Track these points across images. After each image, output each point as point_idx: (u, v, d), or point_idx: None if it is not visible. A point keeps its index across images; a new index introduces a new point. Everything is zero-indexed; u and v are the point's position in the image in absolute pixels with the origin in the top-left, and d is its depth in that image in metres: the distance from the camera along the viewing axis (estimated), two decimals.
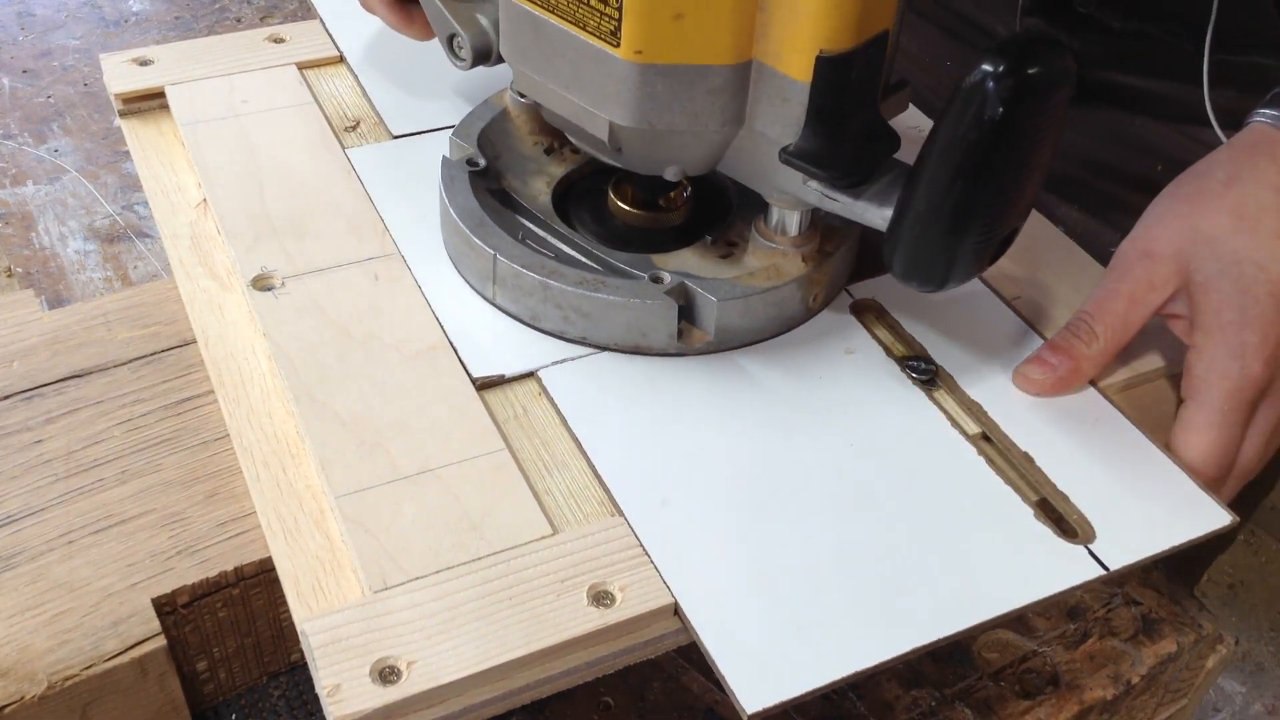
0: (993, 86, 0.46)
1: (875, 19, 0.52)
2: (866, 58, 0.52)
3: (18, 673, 0.49)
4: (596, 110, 0.55)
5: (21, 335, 0.64)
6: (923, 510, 0.54)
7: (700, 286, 0.58)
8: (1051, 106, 0.48)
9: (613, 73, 0.53)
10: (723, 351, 0.60)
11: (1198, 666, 0.64)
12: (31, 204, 1.91)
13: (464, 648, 0.46)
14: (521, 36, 0.57)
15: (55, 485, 0.56)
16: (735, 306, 0.58)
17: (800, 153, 0.54)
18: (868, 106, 0.54)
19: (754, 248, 0.61)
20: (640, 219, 0.63)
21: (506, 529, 0.51)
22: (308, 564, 0.50)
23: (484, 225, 0.61)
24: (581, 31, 0.53)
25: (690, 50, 0.52)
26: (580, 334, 0.59)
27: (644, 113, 0.54)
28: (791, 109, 0.53)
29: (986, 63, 0.46)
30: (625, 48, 0.52)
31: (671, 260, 0.61)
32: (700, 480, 0.54)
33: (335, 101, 0.76)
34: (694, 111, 0.54)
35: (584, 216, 0.65)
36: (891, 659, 0.48)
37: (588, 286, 0.58)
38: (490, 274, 0.60)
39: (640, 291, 0.58)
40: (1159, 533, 0.53)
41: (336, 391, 0.56)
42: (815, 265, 0.60)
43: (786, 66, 0.52)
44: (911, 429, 0.57)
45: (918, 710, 0.58)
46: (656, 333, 0.58)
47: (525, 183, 0.66)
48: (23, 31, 2.32)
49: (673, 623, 0.49)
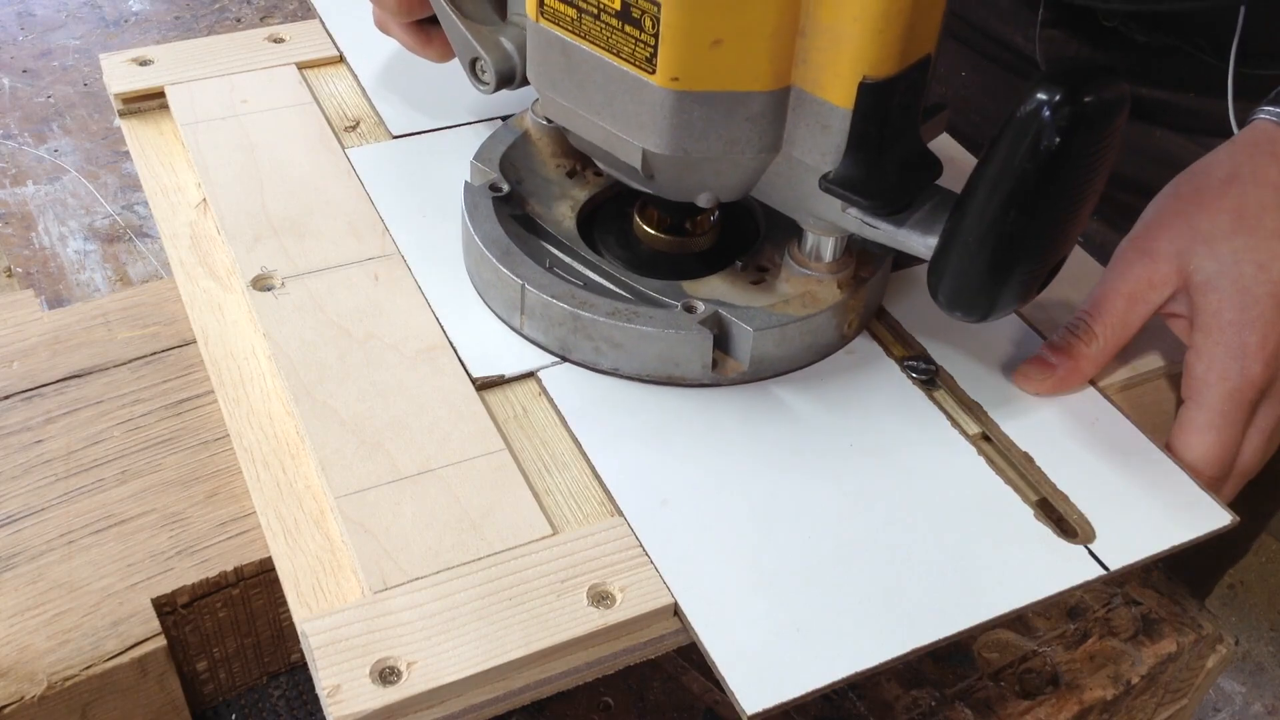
0: (1049, 115, 0.45)
1: (918, 44, 0.50)
2: (909, 83, 0.51)
3: (18, 673, 0.49)
4: (630, 138, 0.54)
5: (21, 335, 0.64)
6: (923, 510, 0.54)
7: (735, 316, 0.57)
8: (1108, 135, 0.47)
9: (648, 100, 0.52)
10: (757, 381, 0.59)
11: (1198, 666, 0.64)
12: (31, 204, 1.91)
13: (464, 648, 0.46)
14: (551, 62, 0.55)
15: (55, 485, 0.56)
16: (771, 336, 0.57)
17: (841, 180, 0.52)
18: (909, 132, 0.53)
19: (788, 274, 0.60)
20: (667, 244, 0.62)
21: (506, 529, 0.51)
22: (308, 564, 0.50)
23: (511, 254, 0.59)
24: (615, 58, 0.52)
25: (728, 77, 0.51)
26: (612, 365, 0.58)
27: (679, 140, 0.53)
28: (832, 136, 0.52)
29: (1042, 91, 0.45)
30: (661, 75, 0.51)
31: (702, 287, 0.60)
32: (700, 481, 0.54)
33: (335, 101, 0.76)
34: (730, 139, 0.53)
35: (609, 241, 0.64)
36: (891, 659, 0.48)
37: (620, 317, 0.56)
38: (518, 304, 0.58)
39: (674, 321, 0.56)
40: (1159, 533, 0.53)
41: (336, 391, 0.56)
42: (851, 292, 0.59)
43: (827, 93, 0.51)
44: (911, 429, 0.57)
45: (918, 710, 0.58)
46: (690, 363, 0.57)
47: (549, 207, 0.64)
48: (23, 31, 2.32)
49: (672, 623, 0.49)
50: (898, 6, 0.48)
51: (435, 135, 0.73)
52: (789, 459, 0.55)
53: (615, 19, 0.51)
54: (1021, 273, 0.50)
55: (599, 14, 0.51)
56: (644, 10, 0.49)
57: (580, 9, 0.52)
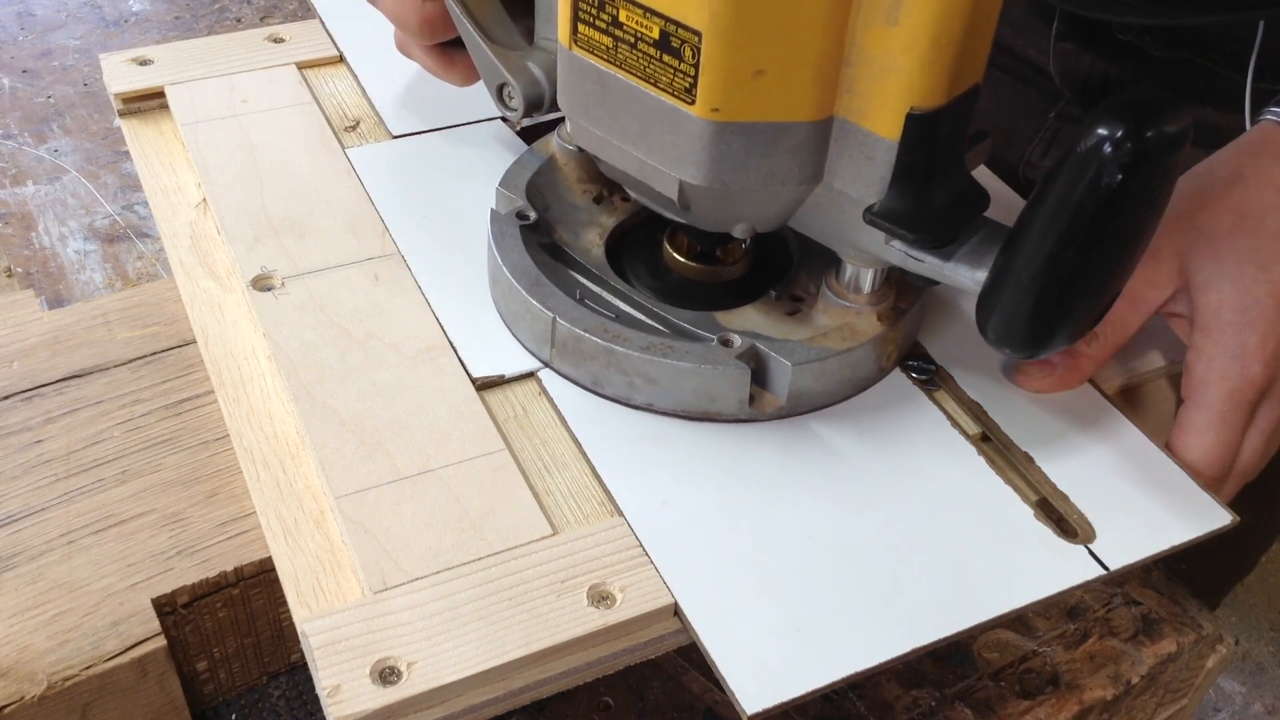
0: (1110, 152, 0.43)
1: (968, 73, 0.49)
2: (957, 113, 0.49)
3: (18, 673, 0.49)
4: (666, 169, 0.52)
5: (21, 335, 0.64)
6: (923, 510, 0.54)
7: (773, 349, 0.55)
8: (1170, 170, 0.45)
9: (686, 131, 0.50)
10: (794, 416, 0.57)
11: (1198, 666, 0.64)
12: (31, 204, 1.91)
13: (464, 648, 0.46)
14: (584, 91, 0.53)
15: (55, 485, 0.56)
16: (810, 370, 0.55)
17: (886, 213, 0.51)
18: (956, 163, 0.52)
19: (825, 305, 0.58)
20: (698, 272, 0.61)
21: (506, 529, 0.51)
22: (308, 564, 0.50)
23: (540, 285, 0.57)
24: (652, 88, 0.50)
25: (770, 107, 0.49)
26: (646, 400, 0.56)
27: (718, 172, 0.51)
28: (876, 167, 0.50)
29: (1102, 126, 0.43)
30: (701, 105, 0.49)
31: (736, 319, 0.58)
32: (700, 481, 0.54)
33: (335, 101, 0.76)
34: (770, 170, 0.51)
35: (639, 270, 0.62)
36: (891, 659, 0.48)
37: (655, 351, 0.55)
38: (548, 337, 0.57)
39: (710, 356, 0.55)
40: (1159, 533, 0.53)
41: (336, 391, 0.56)
42: (891, 324, 0.57)
43: (873, 123, 0.49)
44: (911, 429, 0.57)
45: (918, 710, 0.58)
46: (727, 399, 0.55)
47: (577, 235, 0.63)
48: (23, 31, 2.32)
49: (673, 623, 0.49)
50: (948, 36, 0.46)
51: (435, 135, 0.73)
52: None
53: (653, 48, 0.49)
54: (1077, 311, 0.49)
55: (636, 43, 0.50)
56: (684, 40, 0.48)
57: (616, 37, 0.50)
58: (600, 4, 0.50)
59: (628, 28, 0.50)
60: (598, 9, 0.50)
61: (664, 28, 0.48)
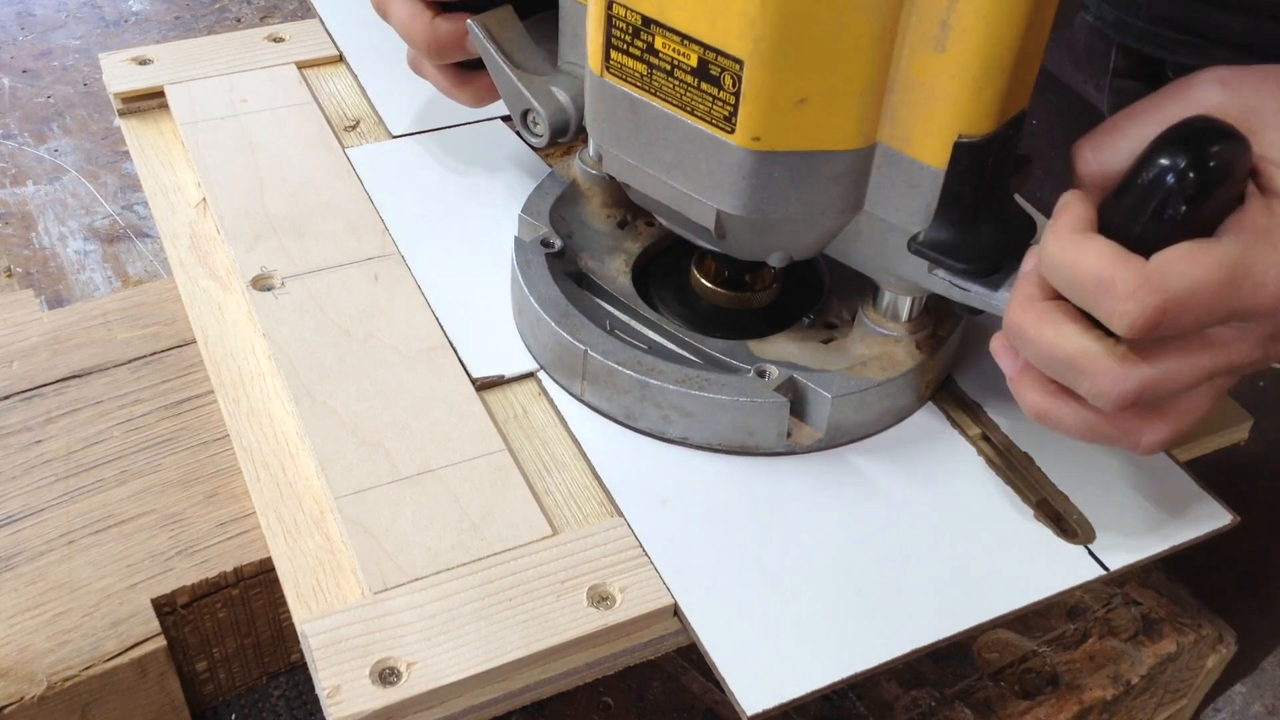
0: (1174, 181, 0.42)
1: (1016, 100, 0.48)
2: (1005, 140, 0.48)
3: (17, 673, 0.49)
4: (703, 198, 0.51)
5: (21, 335, 0.63)
6: (922, 510, 0.54)
7: (811, 380, 0.54)
8: (1231, 198, 0.44)
9: (725, 160, 0.49)
10: (834, 448, 0.56)
11: (1198, 666, 0.64)
12: (31, 204, 1.91)
13: (464, 649, 0.46)
14: (616, 118, 0.52)
15: (55, 485, 0.56)
16: (850, 402, 0.54)
17: (932, 243, 0.50)
18: (1003, 190, 0.50)
19: (862, 333, 0.57)
20: (728, 299, 0.59)
21: (506, 530, 0.51)
22: (307, 565, 0.50)
23: (570, 317, 0.56)
24: (690, 116, 0.49)
25: (812, 136, 0.48)
26: (681, 434, 0.55)
27: (758, 201, 0.50)
28: (921, 195, 0.49)
29: (1164, 156, 0.42)
30: (741, 134, 0.48)
31: (770, 348, 0.57)
32: (700, 481, 0.54)
33: (335, 101, 0.76)
34: (811, 199, 0.50)
35: (667, 297, 0.61)
36: (891, 660, 0.48)
37: (691, 385, 0.53)
38: (580, 371, 0.56)
39: (748, 389, 0.53)
40: (1159, 533, 0.53)
41: (336, 392, 0.56)
42: (930, 352, 0.56)
43: (918, 152, 0.48)
44: (911, 429, 0.57)
45: (918, 710, 0.58)
46: (765, 432, 0.54)
47: (602, 262, 0.61)
48: (23, 31, 2.32)
49: (672, 624, 0.49)
50: (999, 64, 0.45)
51: (435, 135, 0.73)
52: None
53: (691, 76, 0.48)
54: None
55: (672, 70, 0.49)
56: (724, 68, 0.47)
57: (651, 65, 0.49)
58: (635, 31, 0.49)
59: (664, 55, 0.49)
60: (632, 35, 0.49)
61: (703, 55, 0.47)
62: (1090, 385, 0.44)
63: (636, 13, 0.48)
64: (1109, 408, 0.45)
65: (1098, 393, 0.44)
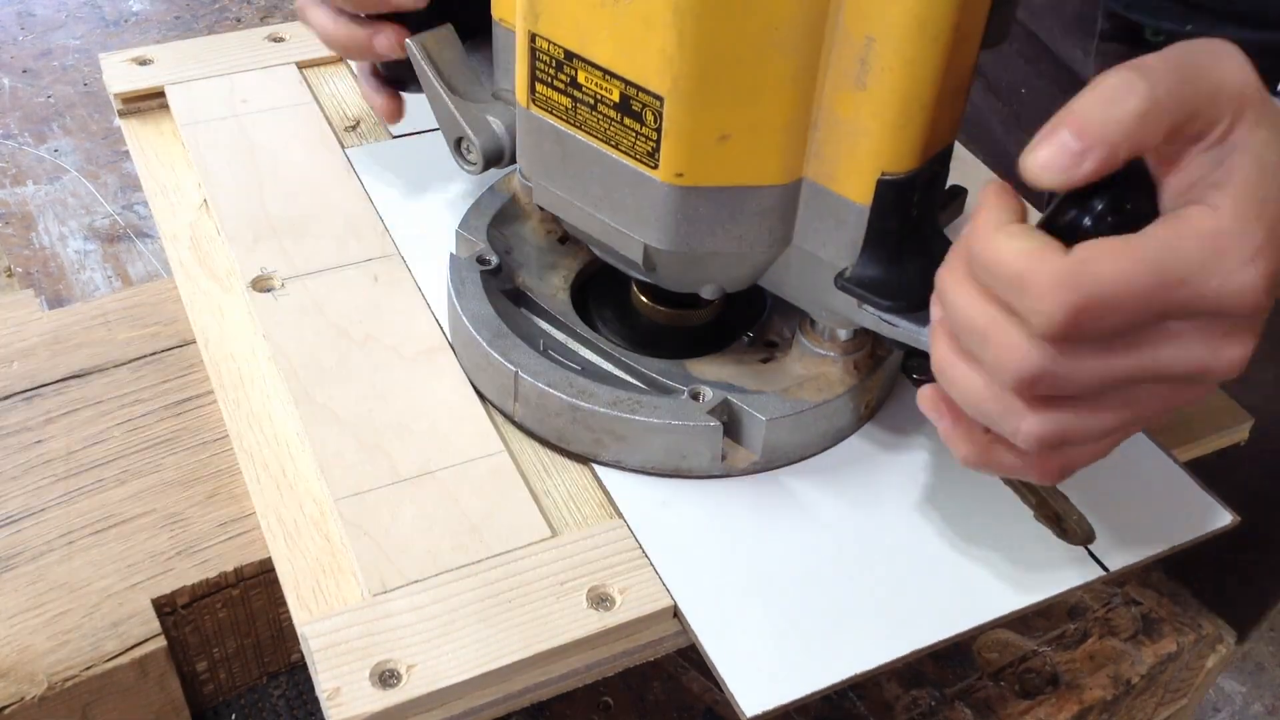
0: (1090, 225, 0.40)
1: (940, 137, 0.47)
2: (931, 175, 0.48)
3: (18, 673, 0.49)
4: (630, 232, 0.50)
5: (21, 335, 0.63)
6: (922, 511, 0.54)
7: (745, 402, 0.53)
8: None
9: (650, 195, 0.48)
10: (769, 471, 0.55)
11: (1198, 666, 0.64)
12: (31, 204, 1.91)
13: (464, 651, 0.46)
14: (544, 151, 0.52)
15: (55, 485, 0.56)
16: (784, 425, 0.53)
17: (858, 280, 0.49)
18: (930, 226, 0.50)
19: (799, 353, 0.56)
20: (668, 317, 0.58)
21: (506, 531, 0.51)
22: (308, 567, 0.50)
23: (502, 336, 0.55)
24: (614, 151, 0.49)
25: (736, 171, 0.48)
26: (614, 458, 0.54)
27: (684, 236, 0.49)
28: (847, 231, 0.49)
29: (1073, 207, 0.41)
30: (664, 170, 0.47)
31: (708, 368, 0.56)
32: (700, 482, 0.54)
33: (335, 101, 0.75)
34: (739, 234, 0.50)
35: (606, 315, 0.60)
36: (891, 661, 0.48)
37: (622, 407, 0.52)
38: (511, 391, 0.55)
39: (680, 412, 0.52)
40: (1159, 533, 0.53)
41: (336, 393, 0.56)
42: (867, 373, 0.55)
43: (843, 188, 0.48)
44: (911, 430, 0.57)
45: (918, 710, 0.58)
46: (698, 456, 0.53)
47: (540, 279, 0.60)
48: (23, 31, 2.32)
49: (672, 625, 0.49)
50: (919, 101, 0.45)
51: (435, 135, 0.73)
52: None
53: (614, 110, 0.48)
54: None
55: (595, 105, 0.48)
56: (645, 104, 0.46)
57: (575, 98, 0.49)
58: (558, 64, 0.49)
59: (587, 89, 0.48)
60: (556, 69, 0.49)
61: (624, 90, 0.47)
62: (993, 356, 0.41)
63: (559, 46, 0.48)
64: (1006, 385, 0.41)
65: (998, 366, 0.41)
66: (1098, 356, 0.40)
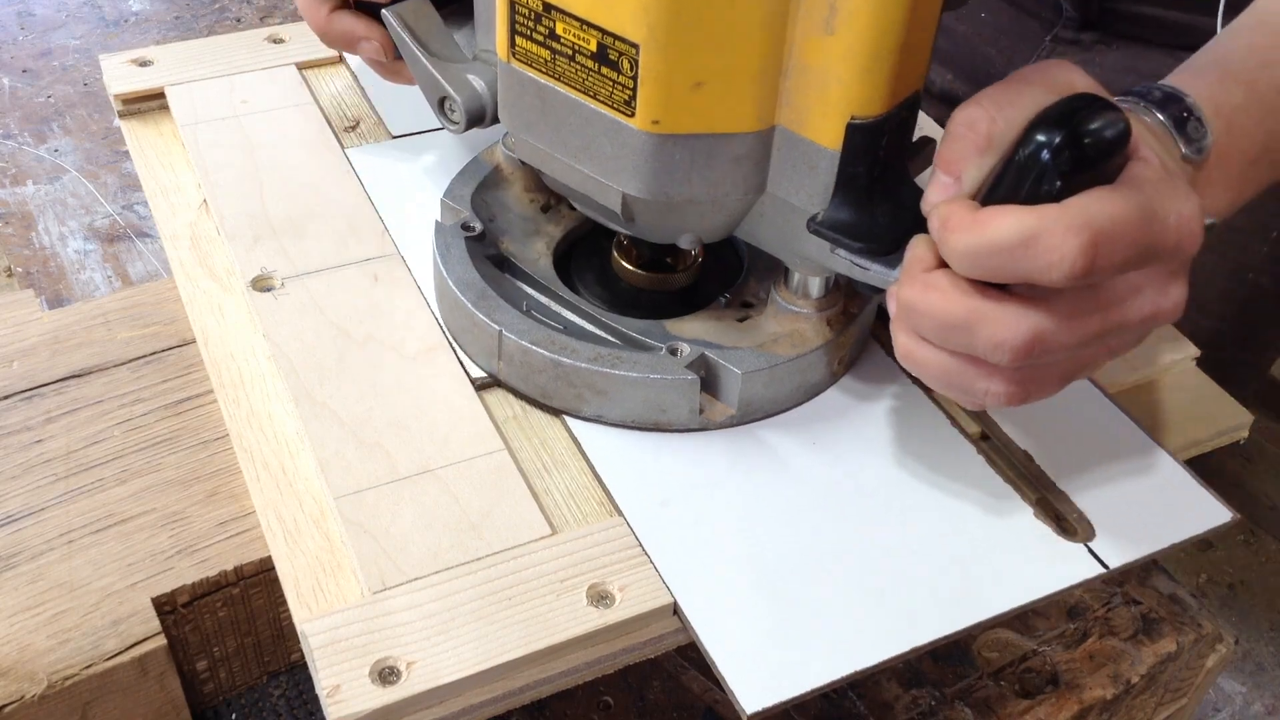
0: (1049, 160, 0.43)
1: (907, 82, 0.49)
2: (899, 121, 0.50)
3: (18, 672, 0.49)
4: (609, 181, 0.52)
5: (21, 335, 0.64)
6: (922, 509, 0.54)
7: (722, 357, 0.55)
8: (1109, 173, 0.45)
9: (627, 143, 0.50)
10: (745, 424, 0.57)
11: (1198, 666, 0.64)
12: (31, 204, 1.91)
13: (463, 648, 0.46)
14: (524, 105, 0.53)
15: (55, 485, 0.56)
16: (760, 378, 0.55)
17: (830, 223, 0.51)
18: (899, 171, 0.51)
19: (774, 311, 0.58)
20: (648, 280, 0.60)
21: (506, 529, 0.51)
22: (307, 565, 0.50)
23: (486, 298, 0.57)
24: (592, 101, 0.50)
25: (710, 119, 0.49)
26: (595, 413, 0.56)
27: (661, 184, 0.51)
28: (819, 176, 0.50)
29: (1041, 133, 0.43)
30: (641, 118, 0.49)
31: (686, 326, 0.58)
32: (700, 480, 0.54)
33: (335, 101, 0.76)
34: (713, 181, 0.51)
35: (588, 279, 0.62)
36: (891, 658, 0.48)
37: (603, 362, 0.54)
38: (495, 351, 0.56)
39: (659, 366, 0.54)
40: (1159, 530, 0.53)
41: (336, 392, 0.56)
42: (840, 329, 0.57)
43: (814, 133, 0.49)
44: (911, 428, 0.57)
45: (918, 710, 0.58)
46: (677, 409, 0.55)
47: (524, 245, 0.62)
48: (23, 31, 2.32)
49: (672, 622, 0.49)
50: (887, 46, 0.46)
51: (435, 135, 0.73)
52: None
53: (591, 60, 0.49)
54: None
55: (574, 55, 0.49)
56: (621, 52, 0.47)
57: (554, 50, 0.50)
58: (537, 16, 0.50)
59: (565, 40, 0.49)
60: (534, 22, 0.50)
61: (601, 40, 0.48)
62: (987, 337, 0.44)
63: None
64: (1007, 360, 0.44)
65: (995, 343, 0.44)
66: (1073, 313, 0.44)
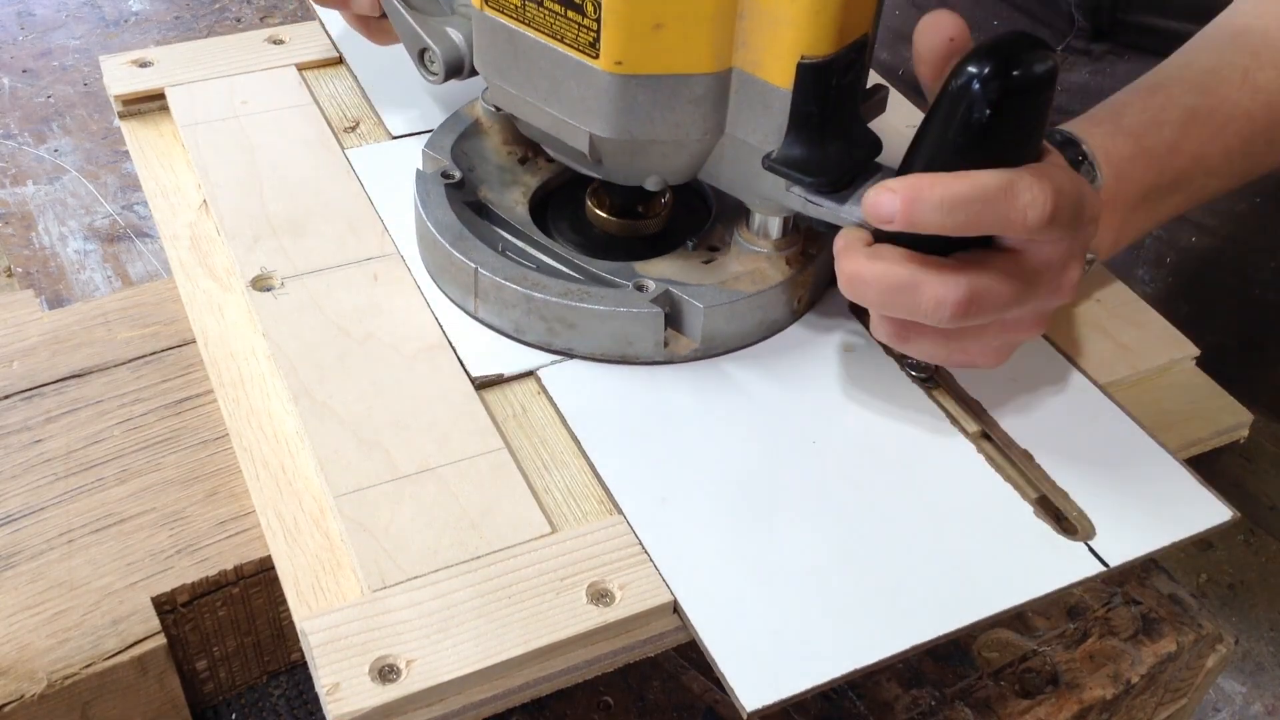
0: (979, 89, 0.47)
1: (855, 24, 0.52)
2: (847, 63, 0.52)
3: (17, 671, 0.49)
4: (576, 122, 0.55)
5: (21, 335, 0.64)
6: (922, 508, 0.54)
7: (685, 293, 0.58)
8: (1037, 106, 0.48)
9: (593, 84, 0.53)
10: (710, 358, 0.60)
11: (1198, 666, 0.64)
12: (31, 204, 1.91)
13: (463, 646, 0.46)
14: (497, 50, 0.57)
15: (55, 485, 0.56)
16: (721, 313, 0.58)
17: (783, 160, 0.54)
18: (850, 111, 0.54)
19: (737, 252, 0.61)
20: (619, 227, 0.63)
21: (505, 528, 0.51)
22: (307, 563, 0.50)
23: (463, 239, 0.60)
24: (559, 44, 0.53)
25: (670, 60, 0.52)
26: (565, 345, 0.59)
27: (625, 124, 0.54)
28: (773, 116, 0.53)
29: (972, 65, 0.47)
30: (605, 59, 0.52)
31: (654, 267, 0.61)
32: (699, 480, 0.54)
33: (335, 102, 0.76)
34: (675, 121, 0.54)
35: (562, 226, 0.65)
36: (891, 656, 0.48)
37: (572, 297, 0.57)
38: (472, 288, 0.59)
39: (625, 300, 0.57)
40: (1159, 529, 0.53)
41: (336, 391, 0.56)
42: (799, 269, 0.60)
43: (767, 74, 0.52)
44: (911, 427, 0.57)
45: (917, 710, 0.58)
46: (643, 341, 0.58)
47: (501, 194, 0.65)
48: (23, 31, 2.33)
49: (672, 621, 0.49)
50: None
51: None
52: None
53: (558, 5, 0.52)
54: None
55: (542, 1, 0.53)
56: None
57: None
58: None
59: None
60: None
61: None
62: (928, 297, 0.49)
63: None
64: (947, 318, 0.49)
65: (936, 302, 0.49)
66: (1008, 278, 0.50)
